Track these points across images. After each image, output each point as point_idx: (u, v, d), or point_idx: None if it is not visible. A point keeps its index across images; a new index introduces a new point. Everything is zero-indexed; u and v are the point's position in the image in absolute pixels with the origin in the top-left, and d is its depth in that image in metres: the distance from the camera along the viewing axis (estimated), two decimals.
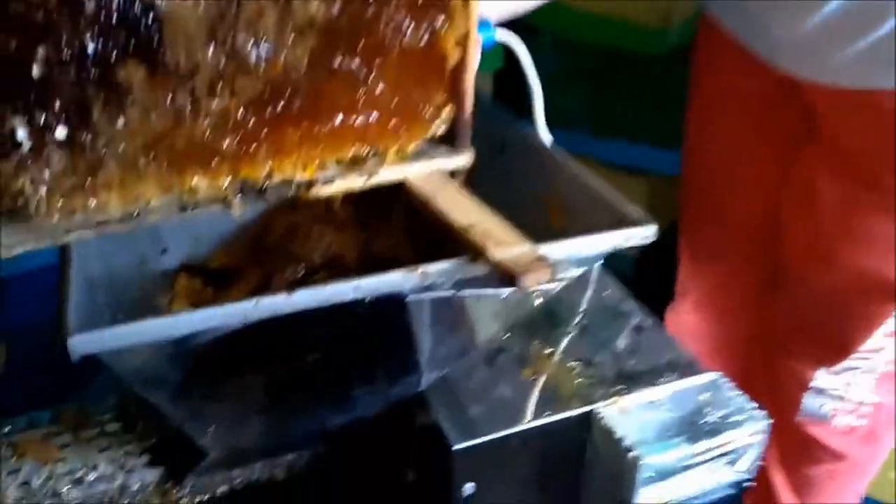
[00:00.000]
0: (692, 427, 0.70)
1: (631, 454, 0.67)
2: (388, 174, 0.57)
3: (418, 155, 0.58)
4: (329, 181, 0.56)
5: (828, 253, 0.92)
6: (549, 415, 0.70)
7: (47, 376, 0.78)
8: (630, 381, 0.74)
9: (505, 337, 0.79)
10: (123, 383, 0.65)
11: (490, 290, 0.54)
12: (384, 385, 0.71)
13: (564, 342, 0.78)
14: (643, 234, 0.57)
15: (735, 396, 0.73)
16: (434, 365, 0.72)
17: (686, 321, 1.13)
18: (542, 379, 0.74)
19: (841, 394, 1.02)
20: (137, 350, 0.53)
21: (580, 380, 0.74)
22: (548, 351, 0.77)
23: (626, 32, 1.59)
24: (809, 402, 1.03)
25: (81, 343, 0.46)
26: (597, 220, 0.59)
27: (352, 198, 0.83)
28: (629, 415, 0.71)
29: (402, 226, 0.80)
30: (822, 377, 1.01)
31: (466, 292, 0.61)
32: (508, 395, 0.73)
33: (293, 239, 0.70)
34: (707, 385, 0.74)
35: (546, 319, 0.81)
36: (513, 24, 0.73)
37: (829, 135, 0.89)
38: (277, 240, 0.71)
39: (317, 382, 0.69)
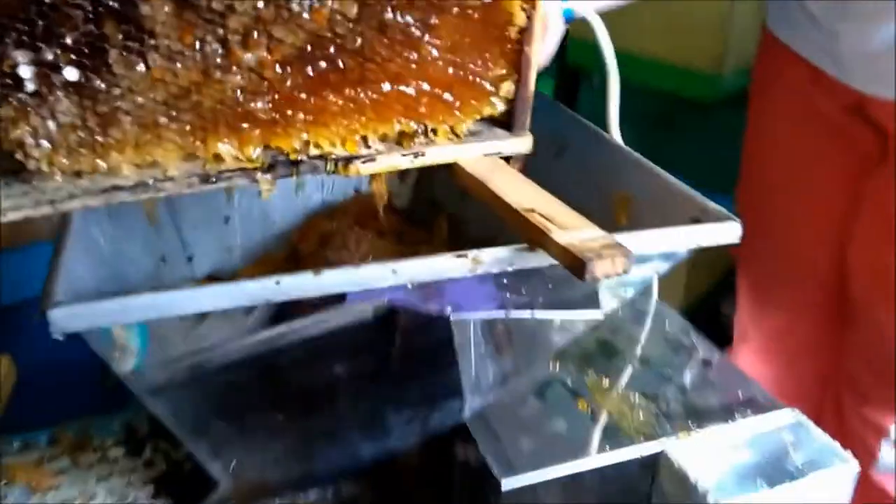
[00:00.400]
0: (773, 470, 0.61)
1: (705, 499, 0.58)
2: (437, 154, 0.50)
3: (472, 136, 0.52)
4: (371, 159, 0.49)
5: None
6: (612, 451, 0.62)
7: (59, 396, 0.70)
8: (701, 417, 0.65)
9: (556, 367, 0.70)
10: (133, 400, 0.58)
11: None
12: (421, 412, 0.63)
13: (623, 374, 0.70)
14: (728, 231, 0.49)
15: (821, 438, 0.64)
16: (478, 391, 0.63)
17: (746, 369, 1.03)
18: (602, 412, 0.65)
19: None
20: (154, 358, 0.46)
21: (644, 414, 0.65)
22: (605, 382, 0.69)
23: (681, 77, 1.56)
24: (886, 453, 0.93)
25: (64, 316, 0.38)
26: (671, 218, 0.51)
27: (393, 207, 0.77)
28: (702, 454, 0.62)
29: (444, 239, 0.73)
30: None
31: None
32: (563, 429, 0.64)
33: (329, 246, 0.63)
34: (789, 425, 0.65)
35: (601, 350, 0.73)
36: (567, 68, 0.68)
37: None
38: (312, 247, 0.65)
39: (346, 408, 0.61)
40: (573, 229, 0.44)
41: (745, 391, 0.68)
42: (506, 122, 0.53)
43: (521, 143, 0.52)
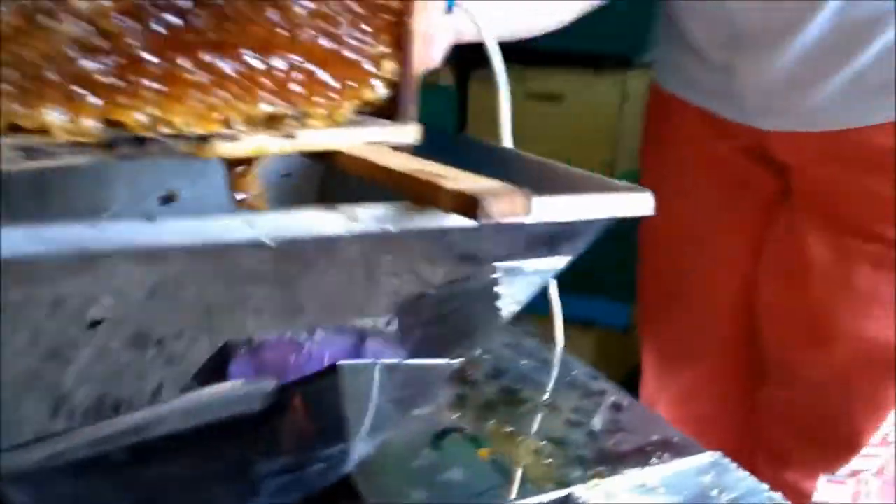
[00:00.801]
0: None
1: None
2: (313, 138, 0.44)
3: (352, 124, 0.46)
4: (233, 138, 0.42)
5: (821, 326, 0.80)
6: (515, 500, 0.54)
7: None
8: (614, 461, 0.58)
9: (455, 417, 0.63)
10: None
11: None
12: (297, 463, 0.54)
13: (528, 421, 0.63)
14: (640, 203, 0.44)
15: (746, 479, 0.58)
16: (364, 439, 0.55)
17: None
18: (504, 460, 0.58)
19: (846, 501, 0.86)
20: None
21: (551, 460, 0.58)
22: (508, 429, 0.62)
23: None
24: None
25: None
26: None
27: None
28: (615, 498, 0.55)
29: None
30: (824, 488, 0.86)
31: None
32: (460, 478, 0.56)
33: None
34: (710, 466, 0.59)
35: (505, 399, 0.66)
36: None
37: (809, 191, 0.80)
38: None
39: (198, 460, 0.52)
40: (467, 180, 0.38)
41: (660, 434, 0.62)
42: (390, 114, 0.48)
43: (408, 132, 0.47)
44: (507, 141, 0.60)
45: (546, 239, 0.44)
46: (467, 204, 0.34)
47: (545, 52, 1.51)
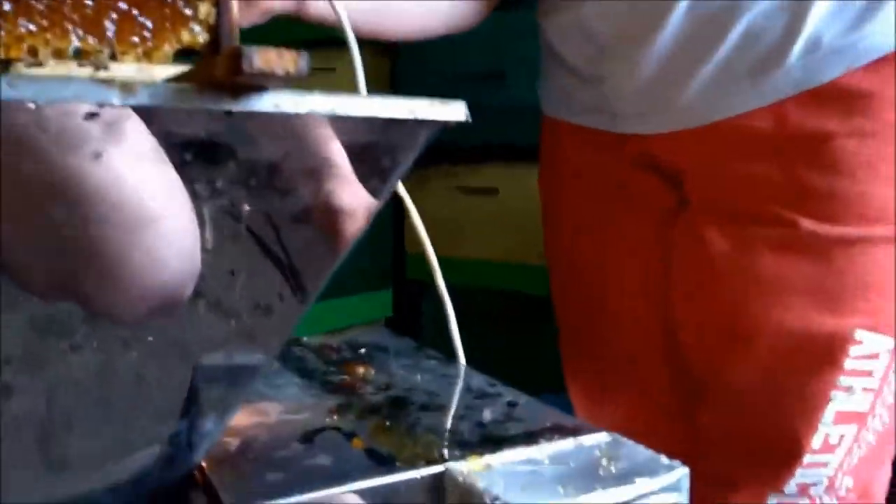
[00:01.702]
0: (583, 480, 0.49)
1: None
2: (125, 71, 0.43)
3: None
4: (37, 64, 0.42)
5: (737, 326, 0.76)
6: (383, 476, 0.49)
7: None
8: (499, 443, 0.53)
9: (333, 419, 0.58)
10: None
11: None
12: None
13: (414, 419, 0.58)
14: (454, 111, 0.43)
15: (642, 451, 0.53)
16: (212, 430, 0.51)
17: None
18: (379, 448, 0.53)
19: None
20: None
21: (431, 444, 0.53)
22: (388, 423, 0.57)
23: (515, 274, 1.57)
24: None
25: None
26: None
27: None
28: (496, 472, 0.49)
29: None
30: None
31: None
32: (327, 463, 0.51)
33: None
34: (603, 443, 0.54)
35: (391, 403, 0.62)
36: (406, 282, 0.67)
37: (700, 188, 0.78)
38: None
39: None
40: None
41: (556, 420, 0.57)
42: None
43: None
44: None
45: (358, 150, 0.42)
46: (232, 56, 0.33)
47: (475, 146, 1.55)
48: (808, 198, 0.74)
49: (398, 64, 1.75)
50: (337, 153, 0.42)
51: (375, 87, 1.78)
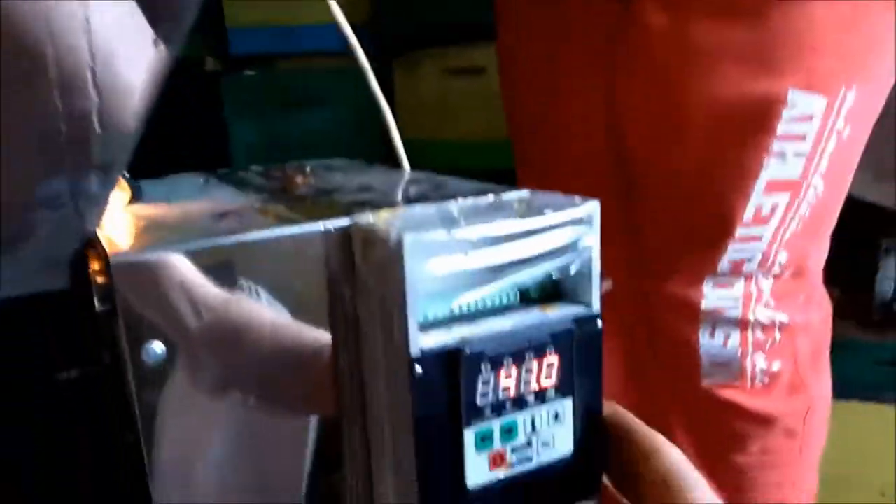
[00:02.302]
0: (489, 213, 0.47)
1: (400, 243, 0.43)
2: None
3: None
4: None
5: (673, 96, 0.73)
6: (280, 227, 0.47)
7: None
8: (414, 202, 0.51)
9: (249, 204, 0.56)
10: None
11: None
12: None
13: (336, 196, 0.56)
14: None
15: (557, 195, 0.51)
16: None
17: None
18: (289, 215, 0.51)
19: (737, 313, 0.76)
20: None
21: (345, 206, 0.51)
22: (308, 203, 0.55)
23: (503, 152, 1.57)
24: (706, 341, 0.77)
25: None
26: None
27: None
28: (402, 216, 0.47)
29: None
30: (712, 293, 0.76)
31: None
32: (233, 225, 0.49)
33: None
34: (522, 195, 0.52)
35: (318, 194, 0.60)
36: None
37: None
38: None
39: None
40: None
41: (482, 188, 0.55)
42: None
43: None
44: None
45: None
46: None
47: (463, 26, 1.51)
48: None
49: None
50: None
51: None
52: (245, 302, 0.44)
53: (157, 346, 0.43)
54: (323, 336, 0.46)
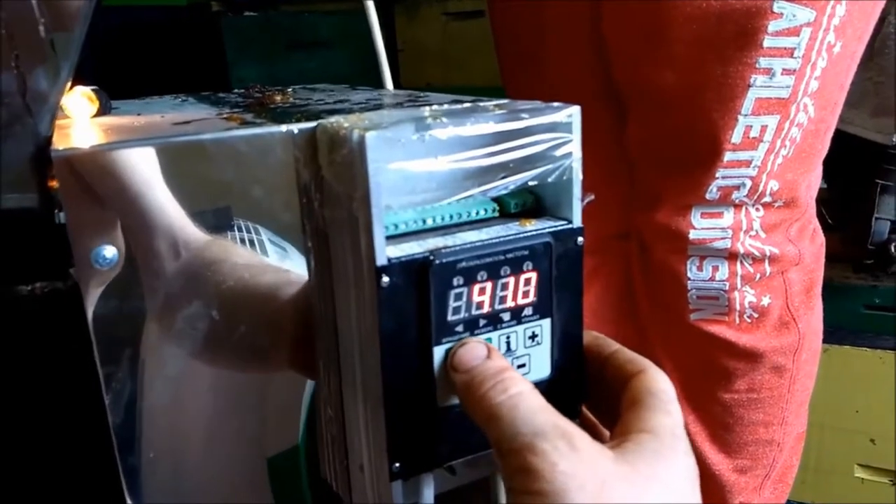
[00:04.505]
0: (465, 116, 0.42)
1: (363, 141, 0.38)
2: None
3: None
4: None
5: (658, 16, 0.68)
6: (239, 130, 0.42)
7: None
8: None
9: (219, 115, 0.52)
10: None
11: None
12: None
13: (311, 109, 0.52)
14: None
15: (537, 102, 0.46)
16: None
17: None
18: (255, 119, 0.46)
19: (726, 244, 0.71)
20: None
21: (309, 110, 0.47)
22: (278, 111, 0.51)
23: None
24: (694, 273, 0.73)
25: None
26: None
27: None
28: (365, 119, 0.43)
29: None
30: (698, 223, 0.72)
31: None
32: (191, 128, 0.45)
33: None
34: (501, 101, 0.47)
35: (292, 108, 0.55)
36: None
37: None
38: None
39: None
40: None
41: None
42: None
43: None
44: None
45: None
46: None
47: None
48: None
49: None
50: None
51: None
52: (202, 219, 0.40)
53: (108, 251, 0.39)
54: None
